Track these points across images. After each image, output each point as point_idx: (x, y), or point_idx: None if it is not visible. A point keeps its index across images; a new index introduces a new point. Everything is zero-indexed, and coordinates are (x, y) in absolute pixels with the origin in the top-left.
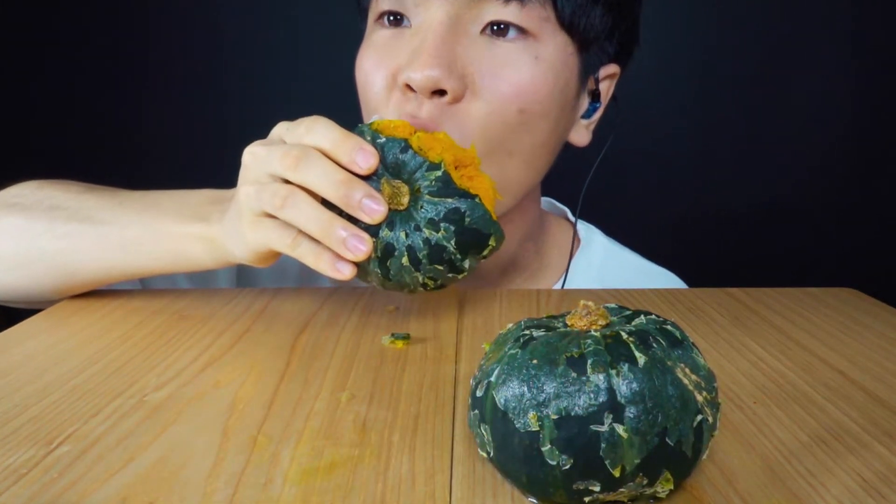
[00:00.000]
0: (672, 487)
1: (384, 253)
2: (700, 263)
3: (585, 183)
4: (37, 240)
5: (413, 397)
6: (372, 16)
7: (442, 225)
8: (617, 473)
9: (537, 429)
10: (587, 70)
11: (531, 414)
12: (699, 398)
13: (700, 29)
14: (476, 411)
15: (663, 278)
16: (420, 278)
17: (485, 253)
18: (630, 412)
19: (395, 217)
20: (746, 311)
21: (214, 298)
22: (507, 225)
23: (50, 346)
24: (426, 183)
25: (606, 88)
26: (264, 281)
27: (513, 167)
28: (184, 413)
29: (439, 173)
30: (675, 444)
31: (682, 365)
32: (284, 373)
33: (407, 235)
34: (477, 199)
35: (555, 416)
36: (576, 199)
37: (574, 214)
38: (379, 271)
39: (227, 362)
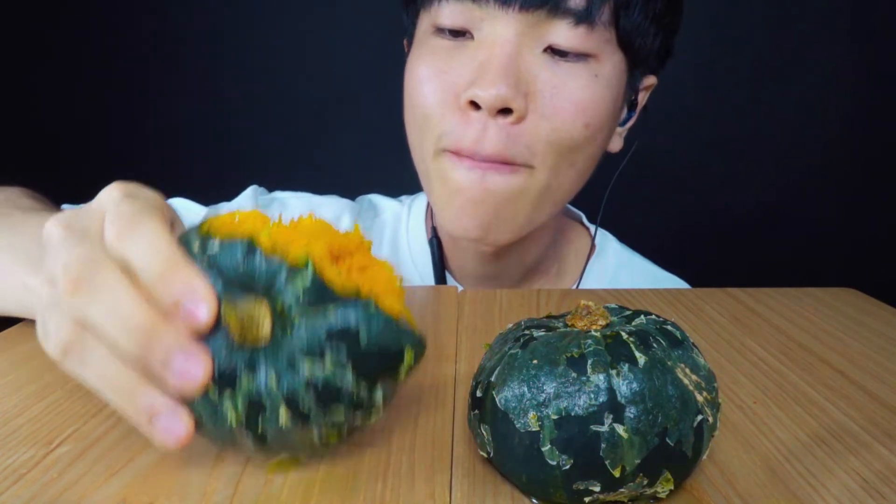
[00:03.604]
0: (672, 487)
1: (250, 412)
2: (700, 263)
3: (607, 190)
4: None
5: (413, 397)
6: (427, 23)
7: (328, 354)
8: (617, 473)
9: (537, 429)
10: (633, 84)
11: (531, 414)
12: (699, 398)
13: (699, 29)
14: (476, 411)
15: (673, 284)
16: (316, 435)
17: (401, 375)
18: (630, 412)
19: (257, 355)
20: (746, 311)
21: None
22: (539, 230)
23: None
24: (292, 296)
25: (643, 98)
26: None
27: (570, 178)
28: None
29: (307, 277)
30: (675, 444)
31: (683, 365)
32: None
33: (279, 380)
34: (372, 305)
35: (555, 416)
36: (583, 202)
37: (592, 221)
38: (251, 443)
39: None
